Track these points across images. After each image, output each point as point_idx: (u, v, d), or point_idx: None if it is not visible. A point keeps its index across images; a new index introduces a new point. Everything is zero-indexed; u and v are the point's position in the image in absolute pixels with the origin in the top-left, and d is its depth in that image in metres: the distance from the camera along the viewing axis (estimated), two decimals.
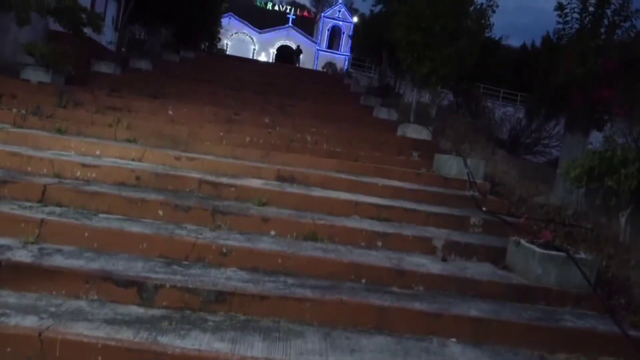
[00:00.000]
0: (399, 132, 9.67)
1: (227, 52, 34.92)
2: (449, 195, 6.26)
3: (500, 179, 8.27)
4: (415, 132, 9.46)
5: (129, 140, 6.51)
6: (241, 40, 38.70)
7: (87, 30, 11.21)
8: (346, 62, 37.40)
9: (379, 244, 4.66)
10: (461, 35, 11.85)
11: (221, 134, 7.28)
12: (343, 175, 6.34)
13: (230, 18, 38.11)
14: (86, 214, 4.28)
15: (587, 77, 6.46)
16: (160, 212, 4.50)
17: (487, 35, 13.02)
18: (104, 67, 11.76)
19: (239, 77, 15.68)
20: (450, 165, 7.01)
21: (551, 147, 18.12)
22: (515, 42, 44.37)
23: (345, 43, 39.59)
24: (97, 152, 5.83)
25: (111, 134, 6.63)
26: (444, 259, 4.54)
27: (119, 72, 12.11)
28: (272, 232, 4.55)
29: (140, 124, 7.21)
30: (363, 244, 4.63)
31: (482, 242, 4.94)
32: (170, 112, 8.23)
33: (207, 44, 26.93)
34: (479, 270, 4.39)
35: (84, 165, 5.12)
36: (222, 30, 29.02)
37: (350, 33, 38.64)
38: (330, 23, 39.84)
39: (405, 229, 4.99)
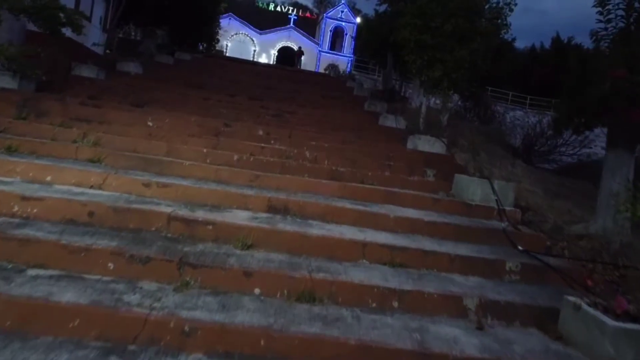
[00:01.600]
0: (410, 145, 8.62)
1: (227, 54, 33.89)
2: (474, 227, 5.20)
3: (527, 200, 7.22)
4: (428, 144, 8.41)
5: (92, 161, 5.48)
6: (241, 42, 37.66)
7: (68, 31, 10.20)
8: (349, 64, 36.33)
9: (395, 304, 3.61)
10: (475, 36, 10.82)
11: (205, 150, 6.23)
12: (347, 204, 5.29)
13: (230, 19, 37.10)
14: (9, 271, 3.24)
15: (637, 87, 5.40)
16: (110, 266, 3.46)
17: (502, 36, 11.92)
18: (86, 71, 10.75)
19: (235, 80, 14.66)
20: (473, 189, 5.93)
21: (565, 155, 17.07)
22: (518, 44, 43.30)
23: (348, 44, 38.52)
24: (48, 178, 4.80)
25: (72, 153, 5.59)
26: (479, 327, 3.49)
27: (102, 77, 11.08)
28: (257, 291, 3.51)
29: (111, 140, 6.17)
30: (374, 305, 3.58)
31: (524, 299, 3.89)
32: (149, 124, 7.20)
33: (205, 45, 26.00)
34: (527, 344, 3.34)
35: (24, 198, 4.09)
36: (221, 32, 28.01)
37: (354, 34, 37.66)
38: (332, 24, 38.75)
39: (427, 282, 3.93)
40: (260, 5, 51.85)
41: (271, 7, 48.74)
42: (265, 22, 41.75)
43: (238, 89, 12.92)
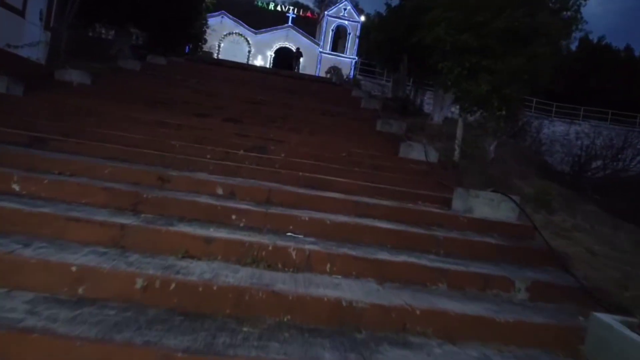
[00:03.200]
0: (459, 205, 5.53)
1: (220, 56, 30.88)
2: None
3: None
4: (489, 206, 5.34)
5: None
6: (235, 42, 34.52)
7: None
8: (353, 67, 33.24)
9: None
10: (537, 36, 7.77)
11: (72, 275, 3.20)
12: None
13: (222, 17, 33.99)
14: None
15: None
16: None
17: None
18: None
19: (214, 92, 11.63)
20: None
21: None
22: None
23: (351, 45, 35.35)
24: None
25: None
26: None
27: (18, 91, 8.05)
28: None
29: None
30: None
31: None
32: (14, 187, 4.13)
33: (190, 46, 22.98)
34: None
35: None
36: (209, 31, 25.00)
37: (358, 33, 34.56)
38: (334, 22, 35.55)
39: None
40: (260, 4, 48.83)
41: (271, 6, 45.74)
42: (264, 22, 38.69)
43: (214, 106, 9.91)
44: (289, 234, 4.14)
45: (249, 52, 34.91)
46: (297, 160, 6.66)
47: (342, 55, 35.30)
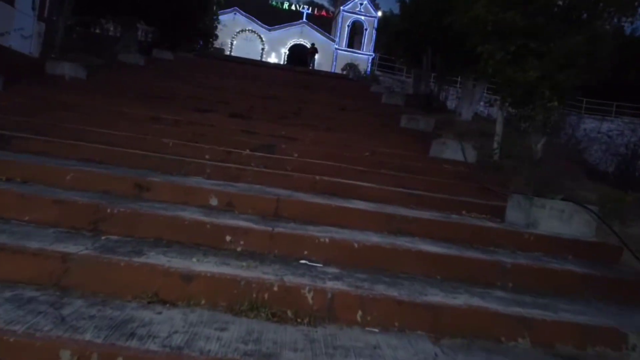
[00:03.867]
0: (517, 217, 4.34)
1: (232, 53, 29.92)
2: None
3: None
4: (558, 219, 4.16)
5: None
6: (248, 39, 33.46)
7: None
8: (370, 63, 31.96)
9: None
10: (600, 12, 6.56)
11: None
12: None
13: (235, 14, 32.99)
14: None
15: None
16: None
17: None
18: None
19: (220, 87, 10.63)
20: None
21: None
22: None
23: (368, 41, 34.03)
24: None
25: None
26: None
27: None
28: None
29: None
30: None
31: None
32: None
33: (201, 42, 22.06)
34: None
35: None
36: (220, 27, 24.06)
37: (375, 27, 33.31)
38: (350, 18, 34.26)
39: None
40: (274, 4, 47.86)
41: (285, 6, 44.75)
42: (276, 19, 37.64)
43: (219, 101, 8.87)
44: (302, 261, 3.05)
45: (262, 49, 33.87)
46: (312, 160, 5.58)
47: (359, 51, 34.07)
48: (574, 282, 3.28)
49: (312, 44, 31.08)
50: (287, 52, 34.59)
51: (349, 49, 34.07)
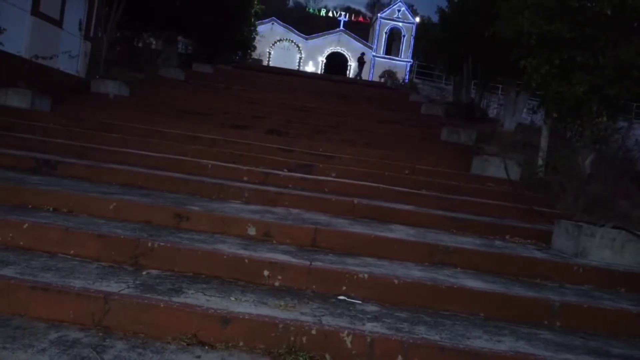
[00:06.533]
0: (565, 245, 4.16)
1: (270, 63, 30.26)
2: None
3: None
4: (610, 247, 3.96)
5: None
6: (285, 49, 33.77)
7: None
8: (408, 70, 31.65)
9: None
10: None
11: None
12: None
13: (273, 24, 33.39)
14: None
15: None
16: None
17: None
18: (13, 99, 7.07)
19: (257, 101, 10.71)
20: None
21: None
22: None
23: (406, 48, 33.77)
24: None
25: None
26: None
27: (45, 107, 7.37)
28: None
29: None
30: None
31: None
32: None
33: (240, 53, 22.41)
34: None
35: None
36: (258, 38, 24.35)
37: (413, 34, 32.99)
38: (388, 25, 34.06)
39: None
40: (312, 11, 48.18)
41: (322, 12, 45.01)
42: (316, 29, 37.85)
43: (255, 116, 8.94)
44: (341, 297, 2.99)
45: (300, 58, 34.10)
46: (350, 182, 5.52)
47: (396, 58, 33.81)
48: (628, 323, 3.09)
49: (362, 53, 30.79)
50: (325, 61, 34.68)
51: (386, 56, 33.86)
